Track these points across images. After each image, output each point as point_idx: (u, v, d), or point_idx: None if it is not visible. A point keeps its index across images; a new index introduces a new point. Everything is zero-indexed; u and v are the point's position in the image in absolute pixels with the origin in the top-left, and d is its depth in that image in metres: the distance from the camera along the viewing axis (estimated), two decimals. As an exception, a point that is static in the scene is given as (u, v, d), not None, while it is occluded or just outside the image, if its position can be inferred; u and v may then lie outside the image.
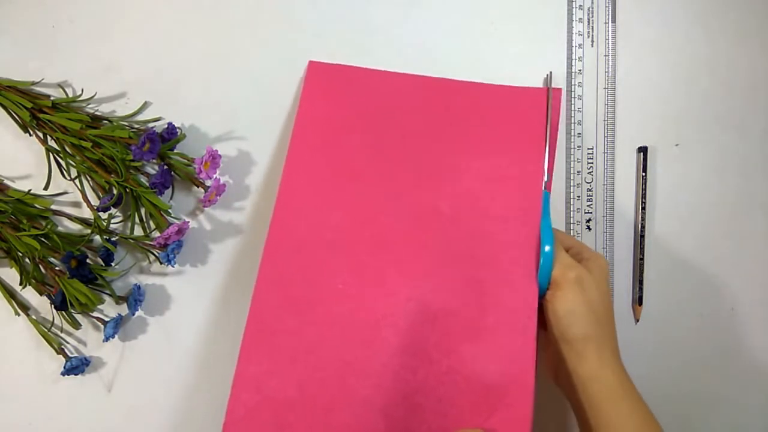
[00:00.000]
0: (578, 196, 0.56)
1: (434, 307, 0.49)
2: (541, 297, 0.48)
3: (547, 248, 0.48)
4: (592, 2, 0.56)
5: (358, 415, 0.47)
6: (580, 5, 0.56)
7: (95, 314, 0.54)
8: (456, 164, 0.52)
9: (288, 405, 0.47)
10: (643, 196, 0.56)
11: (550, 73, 0.56)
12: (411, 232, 0.51)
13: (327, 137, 0.53)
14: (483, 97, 0.55)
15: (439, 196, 0.51)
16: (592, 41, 0.56)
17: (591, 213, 0.56)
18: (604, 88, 0.56)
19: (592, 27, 0.56)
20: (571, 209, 0.56)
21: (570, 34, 0.56)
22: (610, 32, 0.56)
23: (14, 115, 0.53)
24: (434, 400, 0.47)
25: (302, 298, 0.49)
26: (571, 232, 0.56)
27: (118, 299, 0.54)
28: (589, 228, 0.56)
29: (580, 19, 0.56)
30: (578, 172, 0.56)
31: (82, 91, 0.54)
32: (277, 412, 0.47)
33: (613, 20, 0.56)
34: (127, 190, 0.52)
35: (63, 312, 0.53)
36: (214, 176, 0.53)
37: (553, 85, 0.55)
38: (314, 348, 0.48)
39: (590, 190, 0.56)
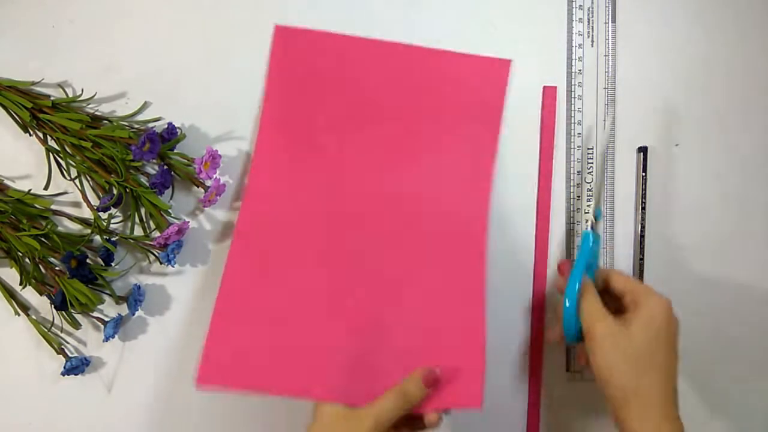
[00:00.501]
0: (578, 196, 0.56)
1: (394, 278, 0.53)
2: (577, 342, 0.49)
3: (567, 303, 0.48)
4: (592, 2, 0.56)
5: (324, 365, 0.51)
6: (580, 5, 0.56)
7: (95, 314, 0.54)
8: (417, 137, 0.55)
9: (258, 355, 0.51)
10: (643, 196, 0.56)
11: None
12: (373, 208, 0.54)
13: (296, 108, 0.55)
14: (446, 65, 0.55)
15: (401, 173, 0.55)
16: (592, 41, 0.56)
17: (591, 213, 0.56)
18: (604, 88, 0.56)
19: (592, 27, 0.56)
20: (572, 209, 0.56)
21: (570, 34, 0.56)
22: (610, 32, 0.56)
23: (14, 115, 0.53)
24: (393, 359, 0.51)
25: (273, 266, 0.53)
26: (572, 231, 0.56)
27: (118, 299, 0.54)
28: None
29: (580, 19, 0.56)
30: (578, 172, 0.56)
31: (82, 91, 0.54)
32: (247, 364, 0.51)
33: (613, 20, 0.56)
34: (127, 190, 0.52)
35: (63, 312, 0.53)
36: (214, 176, 0.53)
37: (551, 83, 0.56)
38: (283, 312, 0.52)
39: (590, 190, 0.56)
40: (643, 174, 0.56)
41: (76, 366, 0.53)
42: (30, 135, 0.53)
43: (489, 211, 0.54)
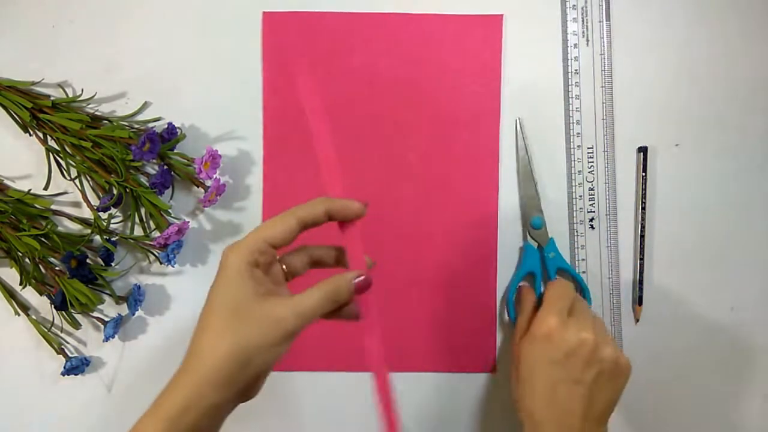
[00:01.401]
0: (580, 196, 0.56)
1: (412, 253, 0.56)
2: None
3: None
4: (586, 1, 0.56)
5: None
6: (574, 5, 0.56)
7: (95, 314, 0.54)
8: (420, 108, 0.55)
9: (309, 340, 0.53)
10: (643, 196, 0.56)
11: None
12: (383, 185, 0.56)
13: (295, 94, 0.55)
14: (438, 28, 0.56)
15: (407, 146, 0.56)
16: (587, 40, 0.56)
17: (594, 212, 0.56)
18: (602, 87, 0.56)
19: (587, 26, 0.56)
20: (574, 209, 0.56)
21: (564, 33, 0.56)
22: (604, 31, 0.56)
23: (14, 115, 0.53)
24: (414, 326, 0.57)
25: None
26: (575, 231, 0.56)
27: (118, 299, 0.54)
28: (592, 227, 0.56)
29: (574, 18, 0.56)
30: (579, 171, 0.56)
31: (82, 91, 0.54)
32: (303, 348, 0.55)
33: (608, 18, 0.56)
34: (127, 190, 0.52)
35: (63, 312, 0.53)
36: (214, 176, 0.53)
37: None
38: None
39: (592, 189, 0.56)
40: (643, 174, 0.56)
41: (76, 366, 0.53)
42: (30, 135, 0.53)
43: (498, 176, 0.56)
